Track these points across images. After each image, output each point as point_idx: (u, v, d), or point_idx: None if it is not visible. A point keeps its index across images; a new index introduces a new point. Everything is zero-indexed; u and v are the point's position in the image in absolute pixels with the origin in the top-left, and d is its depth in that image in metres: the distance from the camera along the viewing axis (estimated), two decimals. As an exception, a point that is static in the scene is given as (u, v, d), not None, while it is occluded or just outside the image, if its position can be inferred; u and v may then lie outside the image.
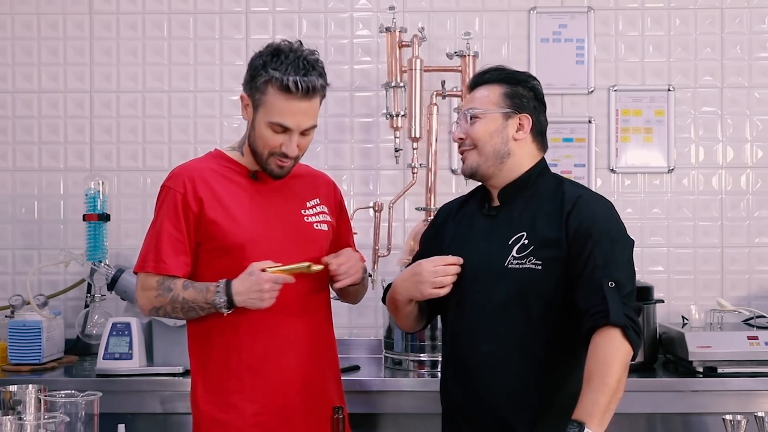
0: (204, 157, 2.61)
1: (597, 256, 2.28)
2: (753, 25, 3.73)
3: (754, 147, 3.73)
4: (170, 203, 2.48)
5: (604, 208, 2.39)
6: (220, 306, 2.40)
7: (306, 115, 2.43)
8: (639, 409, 3.06)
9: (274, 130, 2.44)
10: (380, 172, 3.74)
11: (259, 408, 2.47)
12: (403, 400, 3.04)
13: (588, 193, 2.44)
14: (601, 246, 2.29)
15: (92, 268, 3.43)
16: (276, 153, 2.46)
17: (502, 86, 2.46)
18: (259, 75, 2.43)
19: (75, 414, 2.08)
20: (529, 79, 2.50)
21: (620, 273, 2.28)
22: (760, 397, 3.03)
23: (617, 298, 2.23)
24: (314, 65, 2.43)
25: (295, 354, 2.51)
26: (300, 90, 2.39)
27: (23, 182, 3.76)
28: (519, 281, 2.34)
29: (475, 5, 3.76)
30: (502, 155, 2.43)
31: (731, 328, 3.37)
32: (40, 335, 3.31)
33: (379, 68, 3.73)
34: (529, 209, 2.40)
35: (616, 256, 2.30)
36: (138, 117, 3.77)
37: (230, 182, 2.52)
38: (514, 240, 2.37)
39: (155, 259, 2.46)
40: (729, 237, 3.72)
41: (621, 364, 2.20)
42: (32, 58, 3.77)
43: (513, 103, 2.44)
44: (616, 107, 3.73)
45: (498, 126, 2.43)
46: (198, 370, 2.54)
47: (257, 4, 3.76)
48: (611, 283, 2.24)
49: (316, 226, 2.57)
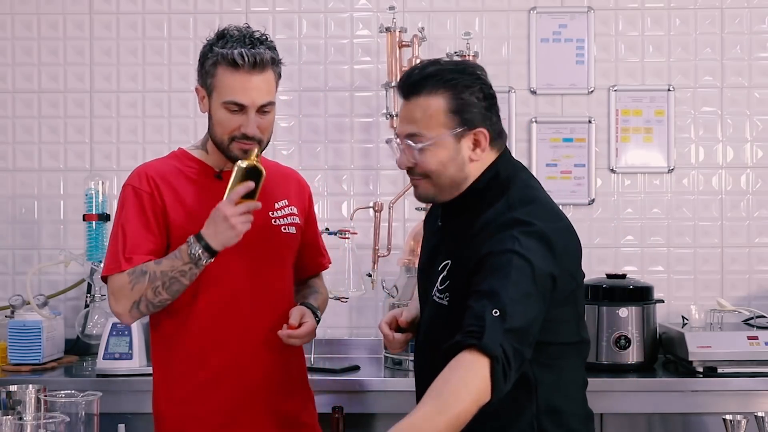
0: (167, 157, 2.52)
1: (485, 286, 1.91)
2: (753, 25, 3.73)
3: (754, 147, 3.73)
4: (134, 202, 2.39)
5: (511, 238, 1.94)
6: (200, 257, 2.26)
7: (259, 90, 2.32)
8: (639, 409, 3.06)
9: (230, 110, 2.33)
10: (380, 172, 3.74)
11: (225, 420, 2.41)
12: (403, 400, 3.03)
13: (517, 213, 2.00)
14: (490, 276, 1.91)
15: (92, 268, 3.43)
16: (237, 137, 2.34)
17: (445, 97, 2.04)
18: (206, 59, 2.36)
19: (75, 414, 2.08)
20: (474, 81, 2.08)
21: (511, 306, 1.86)
22: (760, 397, 3.03)
23: (499, 328, 1.84)
24: (262, 41, 2.35)
25: (260, 365, 2.43)
26: (247, 61, 2.29)
27: (23, 182, 3.76)
28: (435, 316, 2.11)
29: (475, 5, 3.76)
30: (459, 182, 2.08)
31: (731, 328, 3.37)
32: (40, 335, 3.31)
33: (379, 68, 3.73)
34: (461, 232, 2.07)
35: (509, 289, 1.88)
36: (138, 117, 3.77)
37: (193, 183, 2.43)
38: (441, 267, 2.09)
39: (123, 260, 2.34)
40: (729, 237, 3.72)
41: (474, 401, 1.81)
42: (32, 58, 3.77)
43: (462, 119, 2.05)
44: (616, 107, 3.73)
45: (451, 152, 2.05)
46: (161, 378, 2.46)
47: (257, 4, 3.77)
48: (495, 312, 1.85)
49: (283, 229, 2.49)
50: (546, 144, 3.72)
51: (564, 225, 2.09)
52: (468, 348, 1.83)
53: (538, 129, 3.71)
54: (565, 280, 2.02)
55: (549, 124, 3.72)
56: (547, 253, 1.96)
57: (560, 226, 2.06)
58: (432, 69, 2.08)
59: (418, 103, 2.05)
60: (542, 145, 3.72)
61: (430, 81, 2.05)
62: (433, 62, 2.12)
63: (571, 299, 2.08)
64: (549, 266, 1.96)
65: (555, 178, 3.70)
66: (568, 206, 3.65)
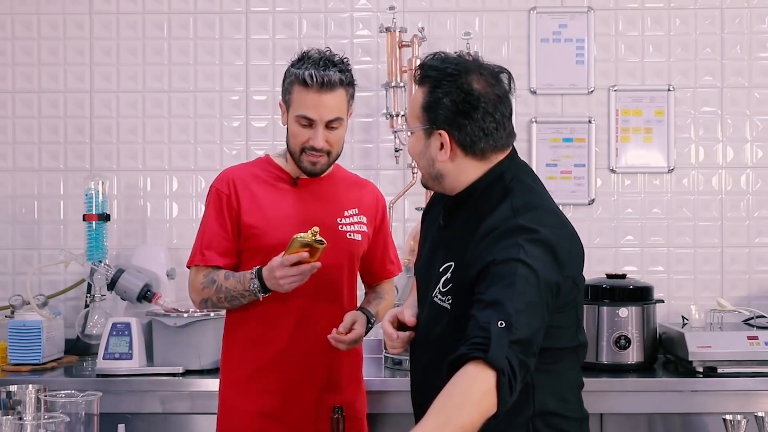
0: (252, 162, 2.79)
1: (489, 296, 1.89)
2: (753, 25, 3.73)
3: (754, 147, 3.73)
4: (215, 203, 2.66)
5: (515, 246, 1.93)
6: (255, 291, 2.53)
7: (327, 107, 2.55)
8: (639, 409, 3.06)
9: (301, 124, 2.57)
10: (380, 172, 3.74)
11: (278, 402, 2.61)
12: (403, 400, 3.01)
13: (511, 224, 1.98)
14: (495, 286, 1.90)
15: (92, 268, 3.43)
16: (306, 148, 2.58)
17: (424, 92, 2.07)
18: (286, 78, 2.61)
19: (75, 414, 2.08)
20: (455, 84, 2.04)
21: (516, 317, 1.85)
22: (760, 397, 3.03)
23: (505, 340, 1.83)
24: (336, 63, 2.58)
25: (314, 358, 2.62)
26: (315, 81, 2.52)
27: (23, 182, 3.76)
28: (435, 317, 2.09)
29: (475, 5, 3.76)
30: (435, 176, 2.11)
31: (731, 328, 3.37)
32: (40, 335, 3.31)
33: (379, 68, 3.73)
34: (464, 232, 2.06)
35: (513, 298, 1.87)
36: (138, 117, 3.77)
37: (272, 187, 2.67)
38: (444, 269, 2.08)
39: (201, 253, 2.64)
40: (729, 237, 3.72)
41: (480, 413, 1.81)
42: (32, 58, 3.77)
43: (428, 116, 2.06)
44: (616, 107, 3.73)
45: (422, 146, 2.09)
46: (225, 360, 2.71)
47: (257, 4, 3.77)
48: (501, 323, 1.84)
49: (349, 236, 2.67)
50: (546, 144, 3.72)
51: (568, 231, 2.07)
52: (473, 360, 1.82)
53: (538, 129, 3.71)
54: (568, 288, 2.02)
55: (549, 124, 3.72)
56: (553, 262, 1.96)
57: (565, 232, 2.05)
58: (433, 62, 2.10)
59: (414, 92, 2.15)
60: (542, 145, 3.72)
61: (422, 72, 2.10)
62: (436, 55, 2.13)
63: (572, 305, 2.07)
64: (554, 275, 1.95)
65: (555, 178, 3.70)
66: (568, 206, 3.66)
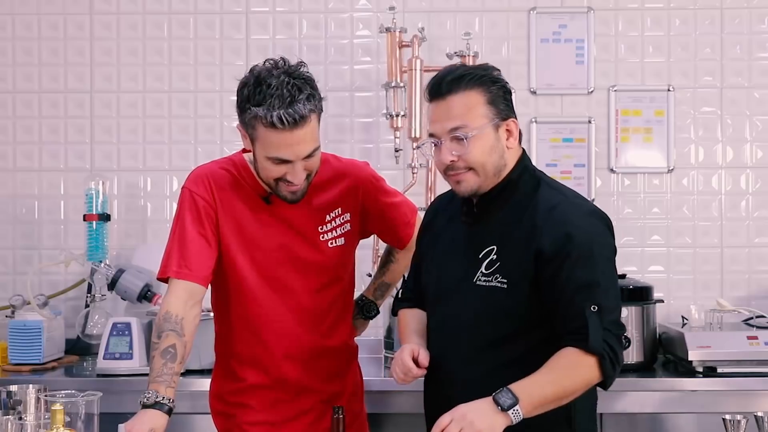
0: (225, 163, 2.52)
1: (577, 279, 2.09)
2: (753, 25, 3.73)
3: (753, 147, 3.73)
4: (192, 207, 2.43)
5: (581, 220, 2.15)
6: (142, 398, 2.27)
7: (303, 143, 2.29)
8: (639, 409, 3.06)
9: (275, 163, 2.32)
10: (380, 172, 3.70)
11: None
12: (403, 400, 3.04)
13: (564, 202, 2.19)
14: (580, 267, 2.09)
15: (92, 268, 3.43)
16: (283, 180, 2.35)
17: (481, 92, 2.19)
18: (245, 110, 2.30)
19: (75, 414, 2.08)
20: (498, 78, 2.24)
21: (604, 296, 2.09)
22: (760, 397, 3.03)
23: (599, 324, 2.06)
24: (300, 88, 2.27)
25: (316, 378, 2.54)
26: (287, 124, 2.24)
27: (23, 182, 3.77)
28: (486, 299, 2.18)
29: (475, 5, 3.76)
30: (500, 169, 2.21)
31: (731, 328, 3.37)
32: (41, 335, 3.31)
33: (379, 68, 3.74)
34: (504, 219, 2.21)
35: (598, 277, 2.11)
36: (138, 117, 3.77)
37: (245, 204, 2.46)
38: (485, 254, 2.20)
39: (178, 264, 2.39)
40: (729, 237, 3.72)
41: (584, 382, 2.08)
42: (33, 58, 3.77)
43: (498, 110, 2.19)
44: (616, 107, 3.73)
45: (492, 141, 2.19)
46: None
47: (257, 4, 3.77)
48: (594, 307, 2.07)
49: (330, 244, 2.51)
50: (546, 144, 3.72)
51: None
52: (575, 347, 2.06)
53: (538, 129, 3.72)
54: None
55: (549, 124, 3.72)
56: (611, 236, 2.21)
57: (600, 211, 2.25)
58: (462, 70, 2.22)
59: (456, 100, 2.17)
60: (542, 145, 3.72)
61: (464, 79, 2.18)
62: (459, 65, 2.28)
63: None
64: (615, 248, 2.21)
65: (555, 178, 3.69)
66: (568, 206, 3.66)
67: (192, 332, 2.37)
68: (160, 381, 2.27)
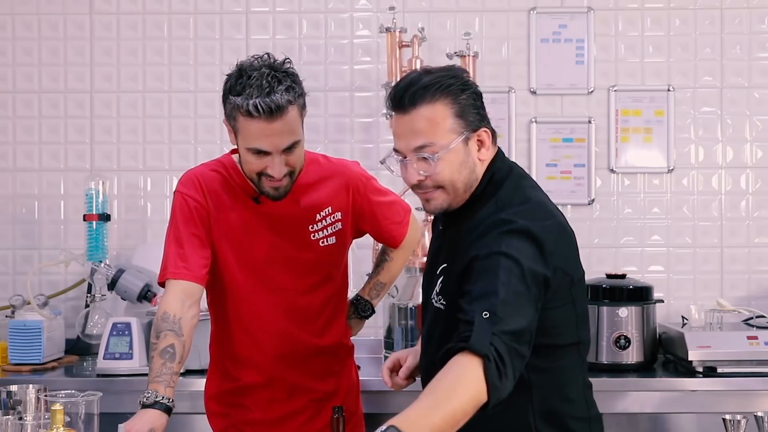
0: (216, 165, 2.53)
1: (474, 291, 1.89)
2: (753, 25, 3.74)
3: (753, 147, 3.74)
4: (185, 209, 2.45)
5: (495, 239, 1.93)
6: (141, 399, 2.26)
7: (281, 134, 2.29)
8: (639, 409, 3.06)
9: (254, 154, 2.32)
10: (380, 172, 3.72)
11: None
12: (403, 400, 3.02)
13: (490, 219, 1.99)
14: (481, 280, 1.89)
15: (92, 268, 3.43)
16: (265, 174, 2.36)
17: (448, 103, 2.00)
18: (227, 102, 2.32)
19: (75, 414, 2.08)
20: (466, 84, 2.05)
21: (501, 307, 1.84)
22: (760, 397, 3.04)
23: (488, 329, 1.82)
24: (280, 80, 2.28)
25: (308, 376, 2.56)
26: (263, 112, 2.24)
27: (23, 182, 3.77)
28: (434, 320, 2.09)
29: (475, 5, 3.76)
30: (471, 183, 2.06)
31: (731, 328, 3.37)
32: (41, 335, 3.31)
33: (379, 68, 3.74)
34: (462, 232, 2.05)
35: (497, 288, 1.86)
36: (138, 117, 3.77)
37: (235, 204, 2.47)
38: (439, 272, 2.08)
39: (174, 264, 2.41)
40: (729, 237, 3.72)
41: (471, 397, 1.79)
42: (33, 58, 3.77)
43: (467, 122, 2.02)
44: (616, 107, 3.73)
45: (462, 156, 2.02)
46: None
47: (257, 4, 3.77)
48: (485, 314, 1.83)
49: (322, 243, 2.52)
50: (546, 144, 3.72)
51: (554, 222, 2.03)
52: (461, 351, 1.82)
53: (538, 129, 3.72)
54: (559, 279, 1.99)
55: (549, 124, 3.72)
56: (537, 253, 1.93)
57: (549, 224, 2.01)
58: (426, 79, 2.02)
59: (420, 114, 1.99)
60: (542, 145, 3.72)
61: (429, 90, 1.99)
62: (423, 72, 2.06)
63: (567, 299, 2.04)
64: (540, 266, 1.93)
65: (555, 178, 3.70)
66: (567, 206, 3.66)
67: (190, 332, 2.37)
68: (159, 381, 2.27)
